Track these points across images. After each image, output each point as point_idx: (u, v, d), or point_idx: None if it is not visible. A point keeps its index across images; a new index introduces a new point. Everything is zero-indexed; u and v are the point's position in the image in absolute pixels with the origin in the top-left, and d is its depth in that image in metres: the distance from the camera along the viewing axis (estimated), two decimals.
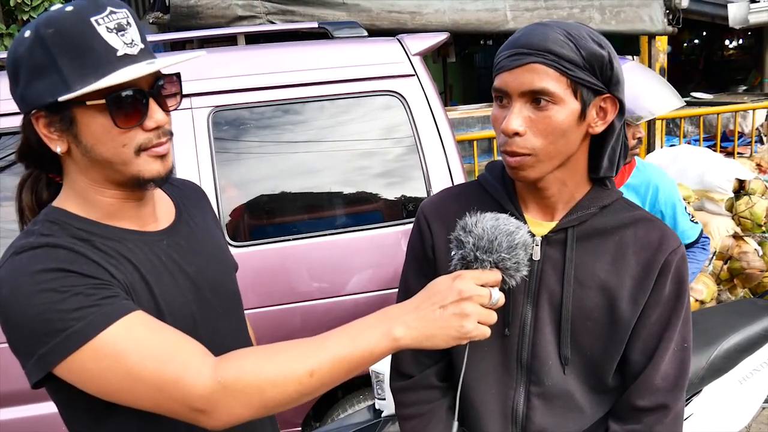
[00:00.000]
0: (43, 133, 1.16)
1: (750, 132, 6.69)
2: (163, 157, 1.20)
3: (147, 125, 1.16)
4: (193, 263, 1.32)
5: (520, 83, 1.19)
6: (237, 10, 4.57)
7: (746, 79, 11.64)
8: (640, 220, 1.32)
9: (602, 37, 1.24)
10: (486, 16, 5.30)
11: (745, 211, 4.36)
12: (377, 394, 2.42)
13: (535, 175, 1.24)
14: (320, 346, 1.11)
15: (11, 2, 6.67)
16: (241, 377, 1.08)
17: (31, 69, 1.12)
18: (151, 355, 1.08)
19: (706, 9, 7.91)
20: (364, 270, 2.85)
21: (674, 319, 1.28)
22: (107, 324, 1.07)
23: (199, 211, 1.44)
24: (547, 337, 1.29)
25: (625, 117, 1.28)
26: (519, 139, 1.20)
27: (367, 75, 2.92)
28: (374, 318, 1.14)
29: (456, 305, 1.09)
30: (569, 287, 1.28)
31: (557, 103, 1.18)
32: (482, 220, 1.16)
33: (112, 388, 1.09)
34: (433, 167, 2.91)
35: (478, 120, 6.26)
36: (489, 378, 1.33)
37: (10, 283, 1.09)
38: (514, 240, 1.14)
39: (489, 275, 1.13)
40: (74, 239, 1.16)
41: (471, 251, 1.14)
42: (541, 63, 1.17)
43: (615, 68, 1.22)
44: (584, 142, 1.26)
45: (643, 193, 2.53)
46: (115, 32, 1.12)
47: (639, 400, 1.29)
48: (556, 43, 1.17)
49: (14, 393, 2.45)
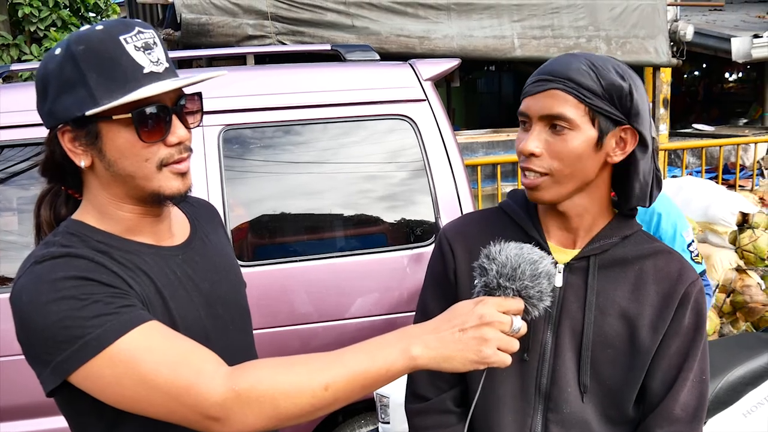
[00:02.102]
0: (68, 148, 1.18)
1: (751, 165, 6.73)
2: (183, 174, 1.23)
3: (170, 140, 1.19)
4: (206, 279, 1.33)
5: (540, 107, 1.23)
6: (248, 30, 4.59)
7: (746, 112, 11.72)
8: (660, 252, 1.33)
9: (629, 70, 1.26)
10: (494, 43, 5.34)
11: (748, 245, 4.37)
12: (381, 418, 2.40)
13: (550, 197, 1.26)
14: (337, 360, 1.11)
15: (19, 14, 6.71)
16: (256, 386, 1.08)
17: (61, 84, 1.15)
18: (165, 362, 1.09)
19: (710, 42, 8.00)
20: (373, 293, 2.84)
21: (693, 351, 1.29)
22: (124, 331, 1.09)
23: (212, 228, 1.47)
24: (567, 364, 1.30)
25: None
26: (536, 159, 1.24)
27: (379, 98, 2.93)
28: (393, 336, 1.14)
29: (476, 329, 1.09)
30: (591, 314, 1.29)
31: (573, 129, 1.21)
32: (506, 248, 1.17)
33: (127, 396, 1.10)
34: (441, 192, 2.91)
35: (482, 145, 6.28)
36: (506, 404, 1.33)
37: (31, 291, 1.10)
38: (538, 269, 1.14)
39: (511, 303, 1.13)
40: (93, 251, 1.17)
41: (494, 278, 1.14)
42: (561, 89, 1.21)
43: (635, 100, 1.23)
44: (604, 170, 1.28)
45: (647, 222, 2.53)
46: (143, 50, 1.15)
47: (658, 429, 1.28)
48: (578, 71, 1.21)
49: (18, 407, 2.43)
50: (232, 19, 4.55)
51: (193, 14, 4.47)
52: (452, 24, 5.25)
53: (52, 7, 6.90)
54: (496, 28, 5.36)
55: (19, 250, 2.58)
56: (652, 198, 1.31)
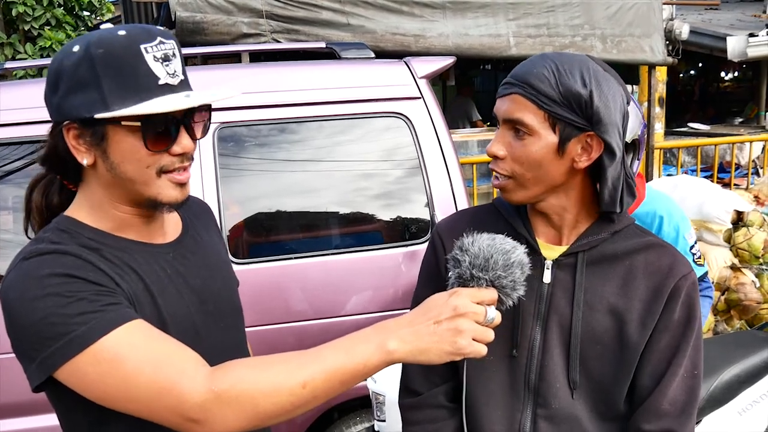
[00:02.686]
0: (72, 144, 1.19)
1: (747, 164, 6.74)
2: (183, 185, 1.25)
3: (174, 150, 1.21)
4: (198, 276, 1.35)
5: (504, 111, 1.27)
6: (242, 28, 4.58)
7: (742, 111, 11.74)
8: (652, 245, 1.33)
9: (601, 75, 1.24)
10: (489, 42, 5.34)
11: (743, 243, 4.38)
12: (377, 415, 2.40)
13: (519, 199, 1.30)
14: (315, 357, 1.13)
15: (13, 12, 6.68)
16: (235, 387, 1.09)
17: (74, 82, 1.16)
18: (148, 361, 1.10)
19: (706, 41, 8.01)
20: (368, 291, 2.84)
21: (684, 345, 1.29)
22: (109, 329, 1.10)
23: (204, 226, 1.48)
24: (556, 360, 1.30)
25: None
26: (501, 162, 1.27)
27: (374, 96, 2.93)
28: (370, 330, 1.15)
29: (451, 321, 1.11)
30: (579, 311, 1.29)
31: (532, 135, 1.23)
32: (479, 239, 1.18)
33: (111, 393, 1.11)
34: (436, 190, 2.91)
35: (477, 143, 6.28)
36: (496, 399, 1.34)
37: (18, 287, 1.12)
38: (510, 259, 1.16)
39: (485, 293, 1.15)
40: (83, 248, 1.18)
41: (467, 269, 1.16)
42: (521, 95, 1.24)
43: (596, 107, 1.21)
44: (575, 174, 1.29)
45: (649, 224, 2.53)
46: (161, 62, 1.17)
47: (645, 424, 1.28)
48: (537, 76, 1.22)
49: (13, 404, 2.42)
50: (226, 17, 4.54)
51: (188, 12, 4.46)
52: (447, 22, 5.25)
53: (47, 6, 6.87)
54: (492, 26, 5.35)
55: (14, 248, 2.58)
56: (623, 204, 1.29)
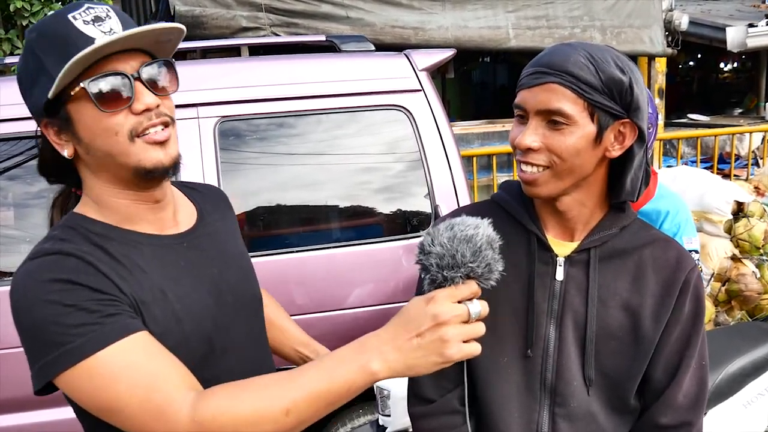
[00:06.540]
0: (54, 141, 1.18)
1: (746, 155, 6.74)
2: (162, 144, 1.18)
3: (135, 108, 1.14)
4: (214, 266, 1.32)
5: (538, 102, 1.20)
6: (242, 21, 4.57)
7: (741, 102, 11.74)
8: (657, 240, 1.33)
9: (628, 61, 1.23)
10: (488, 34, 5.33)
11: (743, 234, 4.38)
12: (381, 410, 2.39)
13: (547, 192, 1.24)
14: (297, 382, 1.09)
15: (10, 8, 6.65)
16: (217, 417, 1.06)
17: (29, 78, 1.16)
18: (140, 385, 1.08)
19: (705, 32, 8.00)
20: (369, 284, 2.83)
21: (694, 337, 1.29)
22: (105, 344, 1.08)
23: (221, 215, 1.44)
24: (572, 357, 1.28)
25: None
26: (534, 154, 1.21)
27: (374, 89, 2.92)
28: (351, 350, 1.10)
29: (433, 332, 1.04)
30: (593, 307, 1.27)
31: (572, 125, 1.18)
32: (438, 236, 1.10)
33: (103, 408, 1.10)
34: (438, 182, 2.91)
35: (477, 136, 6.28)
36: (512, 400, 1.31)
37: (21, 289, 1.12)
38: (476, 244, 1.08)
39: (463, 289, 1.07)
40: (89, 244, 1.16)
41: (437, 273, 1.08)
42: (559, 83, 1.18)
43: (635, 94, 1.20)
44: (601, 165, 1.26)
45: (654, 221, 2.52)
46: (92, 23, 1.13)
47: (662, 417, 1.29)
48: (576, 65, 1.17)
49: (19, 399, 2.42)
50: (225, 11, 4.53)
51: (187, 6, 4.45)
52: (447, 15, 5.24)
53: (44, 1, 6.84)
54: (491, 18, 5.35)
55: (17, 245, 2.58)
56: (640, 192, 1.29)
